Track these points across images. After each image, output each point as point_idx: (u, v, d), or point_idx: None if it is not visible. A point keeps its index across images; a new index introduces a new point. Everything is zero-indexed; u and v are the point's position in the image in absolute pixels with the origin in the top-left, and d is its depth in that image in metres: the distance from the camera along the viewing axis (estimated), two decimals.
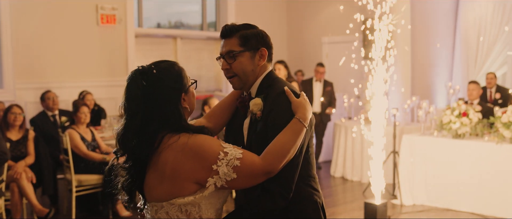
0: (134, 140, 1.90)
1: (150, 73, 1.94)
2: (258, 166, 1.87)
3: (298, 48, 11.40)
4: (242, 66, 2.11)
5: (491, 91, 8.33)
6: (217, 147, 1.85)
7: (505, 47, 9.61)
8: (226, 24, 2.20)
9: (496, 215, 5.72)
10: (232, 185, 1.86)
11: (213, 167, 1.83)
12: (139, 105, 1.91)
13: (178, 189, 1.85)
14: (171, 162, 1.85)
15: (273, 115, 2.01)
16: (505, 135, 5.68)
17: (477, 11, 9.87)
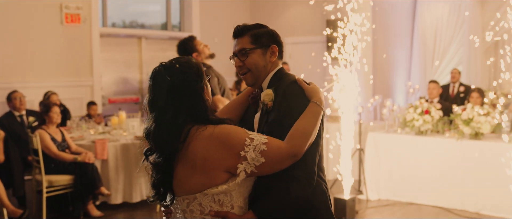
0: (166, 134, 1.95)
1: (173, 68, 2.02)
2: (284, 150, 1.95)
3: None
4: (254, 62, 2.22)
5: (454, 86, 8.76)
6: (243, 134, 1.94)
7: (461, 48, 10.04)
8: (238, 24, 2.31)
9: (457, 207, 6.01)
10: (261, 170, 1.93)
11: (241, 153, 1.91)
12: (167, 100, 1.98)
13: (210, 179, 1.92)
14: (200, 153, 1.91)
15: (287, 102, 2.10)
16: (464, 132, 5.98)
17: (434, 13, 10.26)
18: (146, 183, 6.37)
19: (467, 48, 9.90)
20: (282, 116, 2.09)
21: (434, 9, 10.25)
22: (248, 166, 1.91)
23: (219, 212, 1.94)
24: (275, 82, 2.22)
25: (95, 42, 8.64)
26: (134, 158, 6.25)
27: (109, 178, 6.10)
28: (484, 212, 5.83)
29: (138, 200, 6.30)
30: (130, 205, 6.31)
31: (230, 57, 2.30)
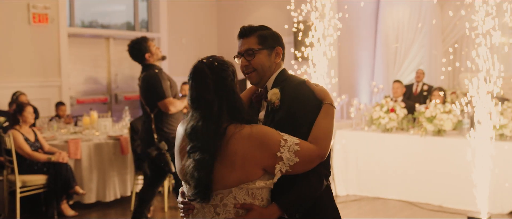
0: (213, 130, 2.01)
1: (213, 66, 2.09)
2: (314, 151, 2.06)
3: (228, 49, 11.66)
4: (260, 62, 2.31)
5: (418, 85, 9.13)
6: (277, 135, 2.04)
7: (422, 49, 10.43)
8: (244, 25, 2.40)
9: (421, 200, 6.29)
10: (294, 169, 2.03)
11: (277, 154, 2.00)
12: (213, 96, 2.04)
13: (247, 175, 2.01)
14: (241, 151, 1.99)
15: (298, 104, 2.20)
16: (428, 129, 6.27)
17: (395, 15, 10.63)
18: (119, 182, 6.43)
19: (427, 49, 10.30)
20: (293, 116, 2.18)
21: (396, 11, 10.62)
22: (284, 165, 2.01)
23: (245, 204, 2.03)
24: (279, 82, 2.31)
25: (63, 42, 8.60)
26: (107, 158, 6.30)
27: (83, 177, 6.12)
28: (446, 204, 6.13)
29: (111, 199, 6.34)
30: (104, 204, 6.35)
31: (235, 57, 2.39)
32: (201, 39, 11.53)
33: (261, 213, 2.05)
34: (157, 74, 4.82)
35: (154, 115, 4.85)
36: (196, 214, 2.11)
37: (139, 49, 4.84)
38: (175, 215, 6.07)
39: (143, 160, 6.02)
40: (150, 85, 4.79)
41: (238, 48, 2.37)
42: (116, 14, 10.48)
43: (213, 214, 2.05)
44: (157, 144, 4.81)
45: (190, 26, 11.22)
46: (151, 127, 4.87)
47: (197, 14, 11.39)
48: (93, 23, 9.89)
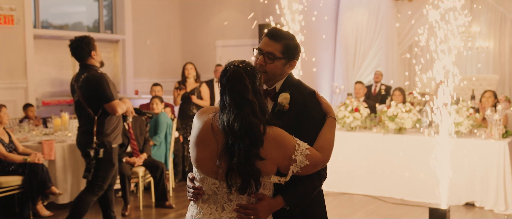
0: (258, 123, 2.20)
1: (247, 70, 2.26)
2: (320, 158, 2.30)
3: (192, 50, 11.83)
4: (275, 69, 2.47)
5: (376, 85, 9.57)
6: (293, 140, 2.26)
7: (379, 51, 10.91)
8: (276, 27, 2.54)
9: (384, 195, 6.67)
10: (303, 171, 2.26)
11: (292, 157, 2.23)
12: (252, 97, 2.22)
13: (265, 170, 2.22)
14: (265, 149, 2.20)
15: (306, 113, 2.42)
16: (390, 127, 6.66)
17: (354, 18, 11.08)
18: None
19: (385, 51, 10.79)
20: (299, 122, 2.40)
21: (355, 15, 11.06)
22: (296, 167, 2.24)
23: (257, 193, 2.26)
24: (287, 85, 2.51)
25: (28, 44, 8.57)
26: (81, 158, 6.33)
27: (57, 178, 6.18)
28: (407, 198, 6.53)
29: None
30: None
31: (256, 49, 2.50)
32: (165, 41, 11.65)
33: (270, 203, 2.30)
34: (103, 75, 4.71)
35: (97, 118, 4.72)
36: (207, 200, 2.31)
37: (88, 45, 4.73)
38: (149, 214, 6.21)
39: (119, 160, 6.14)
40: (96, 87, 4.65)
41: (262, 45, 2.48)
42: (81, 16, 10.48)
43: (226, 200, 2.27)
44: (95, 148, 4.69)
45: (154, 28, 11.33)
46: (92, 131, 4.73)
47: (161, 16, 11.51)
48: (59, 24, 9.86)
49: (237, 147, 2.19)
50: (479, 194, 6.15)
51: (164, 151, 6.90)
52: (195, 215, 2.35)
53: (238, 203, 2.26)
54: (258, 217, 2.26)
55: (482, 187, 6.12)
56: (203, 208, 2.31)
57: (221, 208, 2.28)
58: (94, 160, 4.75)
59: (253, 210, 2.25)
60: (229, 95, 2.23)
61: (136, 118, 6.48)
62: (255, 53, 2.52)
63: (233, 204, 2.27)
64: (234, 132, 2.19)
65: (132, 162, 6.21)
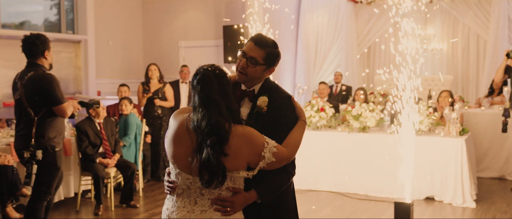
0: (224, 122, 2.35)
1: (216, 73, 2.44)
2: (286, 154, 2.49)
3: (154, 51, 11.84)
4: (255, 73, 2.65)
5: (337, 86, 9.87)
6: (262, 138, 2.43)
7: (339, 52, 11.24)
8: (261, 34, 2.72)
9: (349, 191, 6.94)
10: (269, 167, 2.44)
11: (262, 154, 2.41)
12: (220, 98, 2.39)
13: (234, 166, 2.39)
14: (233, 146, 2.36)
15: (282, 115, 2.63)
16: (354, 126, 6.94)
17: (315, 20, 11.37)
18: (63, 183, 6.48)
19: (345, 52, 11.12)
20: (276, 123, 2.60)
21: (315, 17, 11.35)
22: (263, 163, 2.43)
23: (234, 187, 2.45)
24: (265, 88, 2.71)
25: None
26: None
27: None
28: (371, 193, 6.82)
29: (55, 200, 6.38)
30: None
31: (240, 51, 2.67)
32: (128, 41, 11.62)
33: (244, 196, 2.49)
34: (53, 76, 4.51)
35: (37, 119, 4.47)
36: (181, 194, 2.47)
37: (43, 43, 4.56)
38: (121, 214, 6.26)
39: (92, 161, 6.18)
40: (46, 87, 4.44)
41: (246, 49, 2.66)
42: (42, 15, 10.32)
43: (198, 195, 2.44)
44: (32, 151, 4.43)
45: (116, 28, 11.28)
46: (31, 133, 4.46)
47: (123, 16, 11.47)
48: (18, 24, 9.68)
49: (204, 144, 2.36)
50: (439, 188, 6.49)
51: (133, 151, 6.95)
52: (170, 208, 2.52)
53: (216, 197, 2.42)
54: (234, 209, 2.44)
55: (441, 182, 6.47)
56: (177, 202, 2.48)
57: (194, 201, 2.44)
58: (31, 164, 4.45)
59: (230, 202, 2.43)
60: (198, 96, 2.42)
61: (107, 119, 6.51)
62: (239, 55, 2.68)
63: (205, 198, 2.43)
64: (202, 131, 2.37)
65: (105, 163, 6.24)
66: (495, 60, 9.86)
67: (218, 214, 2.41)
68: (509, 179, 7.65)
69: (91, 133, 6.25)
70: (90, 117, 6.34)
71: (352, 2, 11.04)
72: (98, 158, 6.22)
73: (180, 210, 2.47)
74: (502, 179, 7.70)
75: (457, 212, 6.10)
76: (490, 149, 7.83)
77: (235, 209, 2.45)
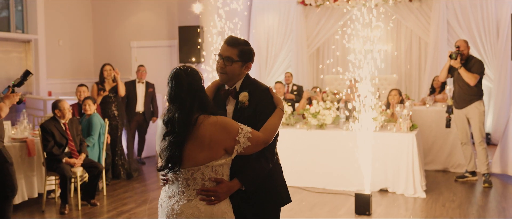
0: (184, 119, 2.58)
1: (188, 71, 2.67)
2: (262, 138, 2.72)
3: (106, 51, 11.77)
4: (233, 70, 2.92)
5: (288, 86, 10.22)
6: (236, 124, 2.66)
7: (290, 53, 11.62)
8: (232, 36, 2.98)
9: (308, 185, 7.29)
10: (246, 151, 2.65)
11: (236, 138, 2.63)
12: (186, 94, 2.62)
13: (213, 154, 2.61)
14: (208, 135, 2.58)
15: (262, 105, 2.89)
16: (312, 123, 7.29)
17: (266, 22, 11.70)
18: (26, 184, 6.45)
19: (295, 53, 11.51)
20: (257, 113, 2.87)
21: (266, 19, 11.69)
22: (239, 147, 2.64)
23: (216, 178, 2.65)
24: (246, 84, 2.97)
25: None
26: (14, 160, 6.28)
27: None
28: (329, 187, 7.20)
29: (19, 201, 6.34)
30: None
31: (216, 55, 2.96)
32: (78, 41, 11.50)
33: (227, 185, 2.70)
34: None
35: None
36: (171, 185, 2.71)
37: None
38: (88, 213, 6.30)
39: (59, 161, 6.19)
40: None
41: (221, 51, 2.94)
42: None
43: (184, 185, 2.66)
44: None
45: (66, 28, 11.15)
46: None
47: (73, 15, 11.35)
48: None
49: (165, 135, 2.64)
50: (391, 181, 6.95)
51: (97, 151, 6.98)
52: (163, 197, 2.77)
53: (200, 187, 2.64)
54: (218, 198, 2.65)
55: (394, 175, 6.93)
56: (168, 192, 2.73)
57: (182, 191, 2.67)
58: None
59: (214, 192, 2.64)
60: (168, 93, 2.70)
61: (72, 119, 6.53)
62: (216, 59, 2.96)
63: (190, 188, 2.64)
64: (166, 123, 2.65)
65: (72, 163, 6.26)
66: (436, 62, 10.55)
67: (203, 203, 2.62)
68: (452, 171, 8.26)
69: (57, 133, 6.26)
70: (55, 118, 6.34)
71: (302, 5, 11.44)
72: (64, 158, 6.24)
73: (170, 199, 2.70)
74: (445, 171, 8.30)
75: (409, 202, 6.56)
76: (434, 144, 8.41)
77: (219, 198, 2.65)
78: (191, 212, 2.61)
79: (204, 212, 2.61)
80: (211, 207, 2.63)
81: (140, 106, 9.17)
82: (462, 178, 7.68)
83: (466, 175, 7.68)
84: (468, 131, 7.58)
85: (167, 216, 2.68)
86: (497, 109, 10.18)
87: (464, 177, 7.67)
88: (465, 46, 7.45)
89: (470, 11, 10.35)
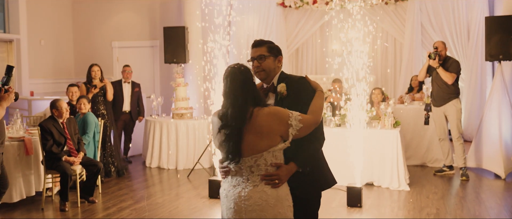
0: (239, 113, 2.82)
1: (241, 69, 2.91)
2: (311, 118, 2.95)
3: (87, 51, 11.82)
4: (268, 65, 3.18)
5: None
6: (286, 111, 2.89)
7: None
8: (256, 39, 3.26)
9: None
10: (299, 132, 2.87)
11: (289, 122, 2.85)
12: (240, 90, 2.85)
13: (272, 141, 2.85)
14: (265, 124, 2.83)
15: (302, 91, 3.14)
16: None
17: (246, 22, 11.95)
18: (24, 182, 6.53)
19: None
20: (299, 100, 3.10)
21: (246, 19, 11.94)
22: (293, 130, 2.87)
23: (276, 162, 2.90)
24: (282, 78, 3.23)
25: None
26: (13, 159, 6.37)
27: None
28: None
29: (17, 199, 6.42)
30: (9, 205, 6.40)
31: (249, 61, 3.22)
32: (59, 41, 11.51)
33: (287, 168, 2.95)
34: None
35: None
36: (235, 174, 2.94)
37: None
38: (88, 210, 6.42)
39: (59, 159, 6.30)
40: None
41: (251, 54, 3.23)
42: None
43: (249, 173, 2.90)
44: None
45: (48, 28, 11.15)
46: None
47: (55, 15, 11.37)
48: None
49: (225, 129, 2.87)
50: (377, 175, 7.32)
51: (93, 149, 7.10)
52: (227, 188, 2.98)
53: (264, 173, 2.88)
54: (281, 181, 2.91)
55: (379, 169, 7.29)
56: (232, 181, 2.96)
57: (246, 179, 2.91)
58: None
59: (277, 176, 2.89)
60: (225, 88, 2.93)
61: (70, 119, 6.64)
62: (250, 64, 3.21)
63: (254, 174, 2.89)
64: (226, 117, 2.88)
65: (71, 161, 6.38)
66: (411, 62, 11.02)
67: (268, 187, 2.88)
68: (429, 166, 8.70)
69: (56, 132, 6.36)
70: (54, 117, 6.45)
71: (282, 6, 11.75)
72: (64, 156, 6.35)
73: (235, 187, 2.93)
74: (423, 166, 8.74)
75: (395, 194, 6.94)
76: (412, 140, 8.84)
77: (281, 181, 2.91)
78: (259, 196, 2.85)
79: (271, 195, 2.86)
80: (276, 190, 2.88)
81: (126, 105, 9.28)
82: (440, 172, 8.12)
83: (444, 169, 8.13)
84: (445, 127, 8.03)
85: (235, 203, 2.89)
86: (468, 107, 10.71)
87: (442, 171, 8.12)
88: (443, 47, 7.90)
89: (443, 14, 10.85)
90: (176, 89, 9.13)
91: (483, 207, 6.29)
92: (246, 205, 2.87)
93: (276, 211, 2.88)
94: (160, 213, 6.17)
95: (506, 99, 8.02)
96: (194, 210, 6.32)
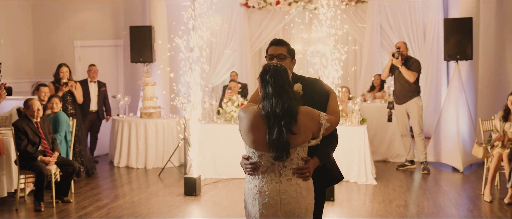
0: (293, 108, 2.95)
1: (283, 68, 3.04)
2: (335, 119, 3.19)
3: (46, 50, 11.62)
4: (286, 65, 3.26)
5: None
6: (316, 111, 3.09)
7: (233, 52, 12.05)
8: (277, 38, 3.41)
9: None
10: (326, 131, 3.08)
11: (320, 121, 3.06)
12: (289, 87, 2.99)
13: (306, 137, 3.03)
14: (303, 122, 2.99)
15: (317, 92, 3.31)
16: None
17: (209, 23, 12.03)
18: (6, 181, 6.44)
19: (238, 53, 11.97)
20: (314, 100, 3.25)
21: (209, 20, 12.02)
22: (323, 128, 3.09)
23: (305, 157, 3.08)
24: (296, 79, 3.37)
25: None
26: None
27: None
28: None
29: None
30: None
31: (268, 58, 3.35)
32: (19, 40, 11.27)
33: (313, 162, 3.14)
34: None
35: None
36: (266, 170, 3.05)
37: None
38: (63, 210, 6.39)
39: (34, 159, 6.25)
40: None
41: (272, 51, 3.35)
42: None
43: (281, 168, 3.04)
44: None
45: (7, 27, 10.90)
46: None
47: (13, 14, 11.13)
48: None
49: (276, 126, 2.96)
50: (345, 170, 7.59)
51: (65, 148, 7.06)
52: (258, 184, 3.07)
53: (296, 167, 3.04)
54: (310, 173, 3.09)
55: (347, 165, 7.58)
56: (265, 177, 3.06)
57: (278, 174, 3.04)
58: None
59: (307, 169, 3.08)
60: (272, 87, 3.01)
61: (44, 118, 6.59)
62: (268, 61, 3.33)
63: (287, 169, 3.04)
64: (276, 115, 2.97)
65: (47, 161, 6.33)
66: (370, 62, 11.42)
67: (300, 180, 3.05)
68: (391, 161, 9.10)
69: (30, 132, 6.30)
70: (27, 116, 6.38)
71: (245, 7, 11.92)
72: (39, 156, 6.30)
73: (269, 183, 3.04)
74: (386, 162, 9.13)
75: (363, 188, 7.24)
76: (375, 137, 9.20)
77: (311, 173, 3.10)
78: (294, 189, 3.02)
79: (303, 187, 3.05)
80: (307, 182, 3.08)
81: (93, 105, 9.21)
82: (402, 166, 8.51)
83: (406, 164, 8.53)
84: (407, 124, 8.43)
85: (272, 198, 3.02)
86: (425, 105, 11.15)
87: (404, 165, 8.52)
88: (405, 47, 8.29)
89: (400, 16, 11.31)
90: (144, 88, 9.15)
91: (447, 198, 6.67)
92: (282, 199, 3.02)
93: (307, 202, 3.07)
94: (138, 211, 6.22)
95: (463, 97, 8.48)
96: (172, 207, 6.40)
